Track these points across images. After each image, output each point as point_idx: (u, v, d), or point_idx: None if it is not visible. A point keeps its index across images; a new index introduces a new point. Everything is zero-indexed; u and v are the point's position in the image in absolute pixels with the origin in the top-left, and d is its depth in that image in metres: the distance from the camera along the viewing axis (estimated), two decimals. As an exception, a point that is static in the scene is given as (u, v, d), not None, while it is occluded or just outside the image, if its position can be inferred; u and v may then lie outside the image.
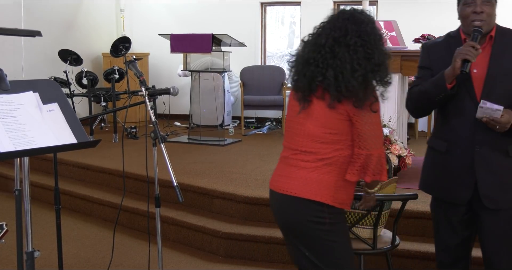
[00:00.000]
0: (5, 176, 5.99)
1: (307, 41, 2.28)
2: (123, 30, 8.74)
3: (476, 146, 2.47)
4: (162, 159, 2.70)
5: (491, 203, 2.49)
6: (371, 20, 2.24)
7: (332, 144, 2.22)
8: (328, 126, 2.20)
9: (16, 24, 6.83)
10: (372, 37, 2.19)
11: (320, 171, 2.21)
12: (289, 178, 2.27)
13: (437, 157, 2.62)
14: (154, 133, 2.76)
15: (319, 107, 2.21)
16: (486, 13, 2.42)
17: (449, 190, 2.57)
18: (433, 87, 2.47)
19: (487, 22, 2.44)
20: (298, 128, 2.27)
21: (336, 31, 2.18)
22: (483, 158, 2.47)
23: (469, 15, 2.44)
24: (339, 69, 2.13)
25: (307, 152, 2.24)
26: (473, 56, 2.35)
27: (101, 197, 5.07)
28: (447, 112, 2.55)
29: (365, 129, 2.17)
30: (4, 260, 4.01)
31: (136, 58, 6.44)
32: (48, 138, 2.08)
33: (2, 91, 2.12)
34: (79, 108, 7.41)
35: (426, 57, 2.62)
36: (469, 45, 2.38)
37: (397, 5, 7.65)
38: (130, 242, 4.44)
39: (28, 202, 2.28)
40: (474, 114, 2.43)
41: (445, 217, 2.64)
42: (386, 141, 4.59)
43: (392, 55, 4.73)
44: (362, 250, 2.89)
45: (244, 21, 8.44)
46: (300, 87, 2.24)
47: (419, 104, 2.59)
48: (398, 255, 3.68)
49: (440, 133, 2.62)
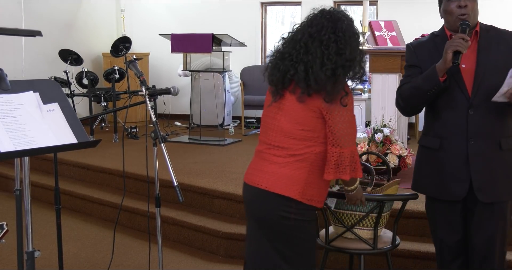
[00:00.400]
0: (5, 176, 5.99)
1: (286, 38, 2.34)
2: (123, 30, 8.74)
3: (470, 140, 2.49)
4: (163, 159, 2.70)
5: (484, 197, 2.51)
6: (348, 18, 2.32)
7: (305, 140, 2.25)
8: (301, 123, 2.24)
9: (16, 24, 6.84)
10: (346, 34, 2.25)
11: (291, 167, 2.25)
12: (261, 172, 2.31)
13: (430, 155, 2.63)
14: (155, 133, 2.76)
15: (291, 102, 2.26)
16: (470, 7, 2.46)
17: (445, 187, 2.58)
18: (425, 82, 2.48)
19: (471, 16, 2.47)
20: (272, 123, 2.32)
21: (313, 28, 2.25)
22: (478, 152, 2.49)
23: (454, 10, 2.47)
24: (309, 64, 2.19)
25: (279, 147, 2.28)
26: (464, 47, 2.38)
27: (101, 197, 5.07)
28: (438, 108, 2.56)
29: (337, 127, 2.21)
30: (4, 260, 4.01)
31: (136, 58, 6.43)
32: (48, 138, 2.08)
33: (2, 91, 2.12)
34: (79, 108, 7.41)
35: (413, 56, 2.64)
36: (459, 37, 2.40)
37: (397, 5, 7.65)
38: (130, 242, 4.44)
39: (28, 202, 2.28)
40: (466, 108, 2.46)
41: (442, 217, 2.65)
42: (386, 141, 4.59)
43: (392, 55, 4.75)
44: (362, 250, 2.89)
45: (244, 21, 8.44)
46: (273, 81, 2.30)
47: (411, 100, 2.59)
48: (398, 255, 3.68)
49: (431, 131, 2.63)
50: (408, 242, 3.75)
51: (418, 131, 7.38)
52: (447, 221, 2.64)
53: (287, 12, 9.11)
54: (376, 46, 5.76)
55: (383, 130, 4.65)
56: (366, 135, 4.70)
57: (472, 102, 2.48)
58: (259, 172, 2.33)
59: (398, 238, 3.07)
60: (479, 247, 2.58)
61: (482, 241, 2.57)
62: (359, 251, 2.88)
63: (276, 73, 2.28)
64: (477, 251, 2.60)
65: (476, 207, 2.55)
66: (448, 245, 2.67)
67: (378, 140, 4.58)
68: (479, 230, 2.56)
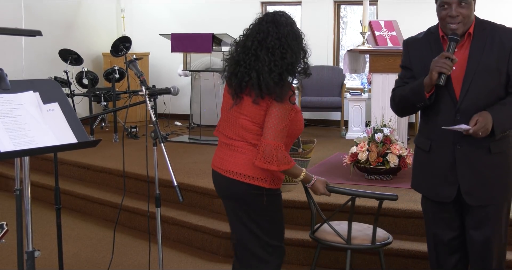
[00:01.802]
0: (5, 175, 5.99)
1: (238, 43, 2.60)
2: (123, 29, 8.74)
3: (457, 145, 2.50)
4: (163, 159, 2.70)
5: (472, 200, 2.52)
6: (289, 22, 2.55)
7: (260, 134, 2.55)
8: (257, 121, 2.53)
9: (16, 23, 6.83)
10: (288, 38, 2.49)
11: (250, 154, 2.55)
12: (226, 159, 2.62)
13: (422, 156, 2.66)
14: (155, 133, 2.76)
15: (248, 104, 2.54)
16: (462, 15, 2.43)
17: (434, 188, 2.61)
18: (412, 95, 2.54)
19: (463, 23, 2.45)
20: (233, 120, 2.61)
21: (260, 34, 2.51)
22: (464, 156, 2.50)
23: (445, 17, 2.46)
24: (260, 71, 2.46)
25: (239, 139, 2.60)
26: (449, 68, 2.39)
27: (101, 197, 5.07)
28: (429, 112, 2.59)
29: (271, 120, 2.48)
30: (4, 259, 4.01)
31: (136, 57, 6.44)
32: (48, 137, 2.08)
33: (3, 90, 2.12)
34: (79, 107, 7.41)
35: (406, 56, 2.66)
36: (443, 56, 2.40)
37: (398, 4, 7.65)
38: (130, 241, 4.45)
39: (28, 201, 2.28)
40: (453, 113, 2.47)
41: (436, 215, 2.67)
42: (386, 141, 4.59)
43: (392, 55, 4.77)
44: (337, 243, 2.97)
45: (244, 20, 8.36)
46: (232, 85, 2.57)
47: (402, 108, 2.68)
48: (398, 255, 3.68)
49: (424, 132, 2.66)
50: (408, 242, 3.75)
51: (418, 131, 7.38)
52: (440, 218, 2.66)
53: (287, 12, 9.11)
54: (376, 46, 5.76)
55: (383, 130, 4.65)
56: (366, 135, 4.70)
57: (459, 107, 2.47)
58: (224, 160, 2.63)
59: (391, 237, 3.08)
60: (476, 248, 2.59)
61: (479, 243, 2.57)
62: (334, 243, 2.97)
63: (234, 80, 2.54)
64: (474, 252, 2.60)
65: (470, 208, 2.56)
66: (443, 241, 2.68)
67: (378, 140, 4.59)
68: (475, 232, 2.57)
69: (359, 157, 4.59)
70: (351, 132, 7.18)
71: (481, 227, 2.55)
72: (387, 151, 4.55)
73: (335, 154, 5.93)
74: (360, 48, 5.48)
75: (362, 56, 5.67)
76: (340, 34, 8.39)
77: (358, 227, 3.15)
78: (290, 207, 4.16)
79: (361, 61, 5.69)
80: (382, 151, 4.54)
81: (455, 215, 2.63)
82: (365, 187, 4.48)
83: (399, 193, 4.26)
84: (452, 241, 2.66)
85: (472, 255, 2.62)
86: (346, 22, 8.78)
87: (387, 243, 3.05)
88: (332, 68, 7.98)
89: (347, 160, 4.69)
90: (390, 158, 4.53)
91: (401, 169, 4.60)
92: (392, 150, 4.54)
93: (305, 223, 4.11)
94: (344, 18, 8.70)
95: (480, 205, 2.53)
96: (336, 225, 3.09)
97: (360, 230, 3.10)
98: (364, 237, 3.02)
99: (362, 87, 7.72)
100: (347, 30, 8.78)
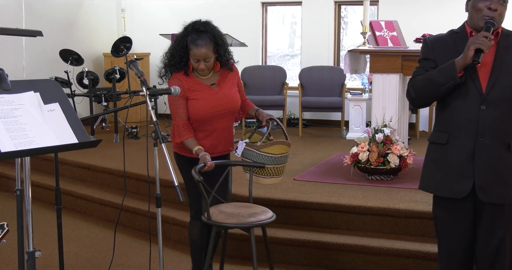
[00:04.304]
0: (6, 176, 5.99)
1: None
2: (124, 30, 8.74)
3: (479, 136, 2.47)
4: (163, 159, 2.70)
5: (485, 196, 2.49)
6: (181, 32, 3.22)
7: None
8: None
9: (17, 24, 6.83)
10: (175, 40, 3.28)
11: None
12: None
13: (438, 151, 2.61)
14: (155, 133, 2.77)
15: None
16: (499, 11, 2.45)
17: (448, 183, 2.55)
18: (441, 75, 2.48)
19: (497, 20, 2.46)
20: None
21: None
22: (485, 149, 2.47)
23: (483, 9, 2.46)
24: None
25: None
26: (487, 46, 2.38)
27: (102, 197, 5.07)
28: (450, 102, 2.54)
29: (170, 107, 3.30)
30: (5, 260, 4.01)
31: (137, 58, 6.43)
32: (49, 138, 2.08)
33: (3, 91, 2.12)
34: (80, 108, 7.41)
35: (429, 49, 2.61)
36: (482, 35, 2.40)
37: (398, 5, 7.65)
38: (131, 242, 4.45)
39: (29, 202, 2.28)
40: (478, 103, 2.46)
41: (451, 217, 2.59)
42: (387, 141, 4.59)
43: (393, 55, 4.79)
44: (229, 224, 3.06)
45: (245, 21, 8.44)
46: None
47: (424, 92, 2.57)
48: (398, 256, 3.68)
49: (441, 126, 2.62)
50: (409, 242, 3.75)
51: (419, 131, 7.38)
52: (451, 224, 2.59)
53: (288, 12, 9.11)
54: (376, 46, 5.76)
55: (384, 130, 4.65)
56: (367, 135, 4.70)
57: (486, 97, 2.46)
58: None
59: (274, 215, 3.19)
60: (488, 251, 2.54)
61: (492, 244, 2.53)
62: (224, 224, 3.05)
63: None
64: (486, 255, 2.55)
65: (484, 209, 2.52)
66: (456, 254, 2.61)
67: (379, 140, 4.58)
68: (488, 233, 2.53)
69: (359, 157, 4.59)
70: (351, 132, 7.18)
71: (494, 228, 2.51)
72: (388, 151, 4.55)
73: (335, 154, 5.93)
74: (360, 48, 5.48)
75: (362, 56, 5.67)
76: (340, 34, 8.39)
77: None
78: (290, 207, 4.16)
79: (361, 61, 5.69)
80: (383, 151, 4.54)
81: (468, 219, 2.56)
82: (365, 187, 4.47)
83: (400, 193, 4.28)
84: (464, 251, 2.60)
85: (483, 257, 2.57)
86: (346, 22, 8.78)
87: (263, 224, 3.12)
88: (332, 68, 7.98)
89: (348, 160, 4.69)
90: (390, 158, 4.53)
91: (402, 169, 4.60)
92: (392, 150, 4.54)
93: (305, 224, 4.11)
94: (345, 18, 8.70)
95: (493, 204, 2.49)
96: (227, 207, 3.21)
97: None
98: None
99: (362, 87, 7.71)
100: (348, 30, 8.78)
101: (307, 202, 4.13)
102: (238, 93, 3.36)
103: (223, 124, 3.28)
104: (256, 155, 3.22)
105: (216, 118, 3.22)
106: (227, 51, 3.23)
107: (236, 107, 3.33)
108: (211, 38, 3.11)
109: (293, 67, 8.94)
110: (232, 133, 3.42)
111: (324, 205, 4.08)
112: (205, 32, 3.12)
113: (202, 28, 3.13)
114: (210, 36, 3.11)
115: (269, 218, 3.15)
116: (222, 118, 3.25)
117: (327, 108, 7.63)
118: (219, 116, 3.23)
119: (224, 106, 3.22)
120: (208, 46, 3.09)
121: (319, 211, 4.09)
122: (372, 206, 3.98)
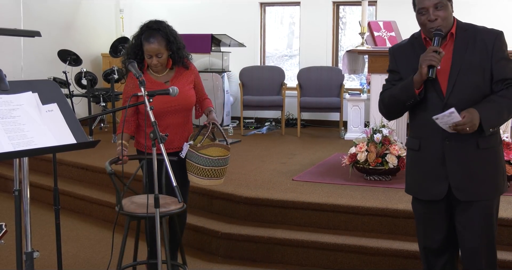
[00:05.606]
0: (4, 176, 5.99)
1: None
2: (122, 30, 8.74)
3: (446, 140, 2.52)
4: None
5: (462, 195, 2.54)
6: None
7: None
8: None
9: (15, 24, 6.83)
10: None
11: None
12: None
13: (413, 157, 2.69)
14: (154, 134, 2.77)
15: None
16: (440, 18, 2.47)
17: (425, 186, 2.62)
18: (402, 93, 2.56)
19: (443, 25, 2.49)
20: None
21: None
22: (453, 151, 2.52)
23: (425, 22, 2.50)
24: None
25: None
26: (437, 61, 2.43)
27: (100, 198, 5.07)
28: (416, 109, 2.61)
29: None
30: (3, 260, 4.01)
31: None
32: (47, 138, 2.08)
33: (1, 91, 2.12)
34: (78, 108, 7.41)
35: (392, 61, 2.70)
36: (431, 50, 2.44)
37: (396, 5, 7.65)
38: (129, 242, 4.43)
39: (27, 202, 2.28)
40: (440, 109, 2.48)
41: (427, 215, 2.68)
42: (385, 141, 4.59)
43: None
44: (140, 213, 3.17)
45: (243, 21, 8.44)
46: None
47: (392, 108, 2.69)
48: (396, 255, 3.68)
49: (413, 132, 2.70)
50: (407, 242, 3.75)
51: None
52: (429, 219, 2.67)
53: (286, 13, 9.11)
54: (375, 46, 5.77)
55: (382, 131, 4.66)
56: (365, 136, 4.70)
57: (446, 102, 2.50)
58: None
59: (185, 205, 3.28)
60: (465, 247, 2.60)
61: (468, 241, 2.58)
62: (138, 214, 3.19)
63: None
64: (463, 251, 2.62)
65: (459, 206, 2.58)
66: (432, 242, 2.69)
67: (377, 141, 4.59)
68: (465, 230, 2.58)
69: (358, 158, 4.59)
70: (350, 132, 7.18)
71: (471, 225, 2.56)
72: (386, 152, 4.55)
73: (334, 154, 5.93)
74: (359, 48, 5.48)
75: (361, 57, 5.68)
76: (339, 34, 8.40)
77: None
78: (289, 208, 4.16)
79: (360, 61, 5.70)
80: (381, 151, 4.55)
81: (445, 216, 2.64)
82: (364, 188, 4.48)
83: (398, 194, 4.28)
84: (440, 242, 2.67)
85: (462, 255, 2.64)
86: (345, 23, 8.79)
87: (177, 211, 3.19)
88: (331, 69, 7.99)
89: (346, 160, 4.69)
90: (389, 158, 4.53)
91: (400, 169, 4.60)
92: (391, 150, 4.55)
93: (303, 224, 4.11)
94: (343, 19, 8.70)
95: (470, 201, 2.54)
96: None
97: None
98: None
99: (361, 87, 7.72)
100: (346, 30, 8.79)
101: (306, 202, 4.14)
102: (192, 90, 3.48)
103: (177, 120, 3.41)
104: (196, 156, 3.32)
105: (169, 114, 3.36)
106: (180, 49, 3.41)
107: (189, 104, 3.45)
108: (163, 36, 3.31)
109: (291, 68, 8.94)
110: (189, 130, 3.53)
111: (323, 205, 4.08)
112: (157, 30, 3.33)
113: (155, 26, 3.34)
114: (163, 34, 3.32)
115: (179, 208, 3.22)
116: (176, 114, 3.39)
117: (326, 109, 7.64)
118: (172, 112, 3.37)
119: (176, 102, 3.33)
120: (160, 43, 3.30)
121: (317, 211, 4.09)
122: (371, 207, 3.98)
